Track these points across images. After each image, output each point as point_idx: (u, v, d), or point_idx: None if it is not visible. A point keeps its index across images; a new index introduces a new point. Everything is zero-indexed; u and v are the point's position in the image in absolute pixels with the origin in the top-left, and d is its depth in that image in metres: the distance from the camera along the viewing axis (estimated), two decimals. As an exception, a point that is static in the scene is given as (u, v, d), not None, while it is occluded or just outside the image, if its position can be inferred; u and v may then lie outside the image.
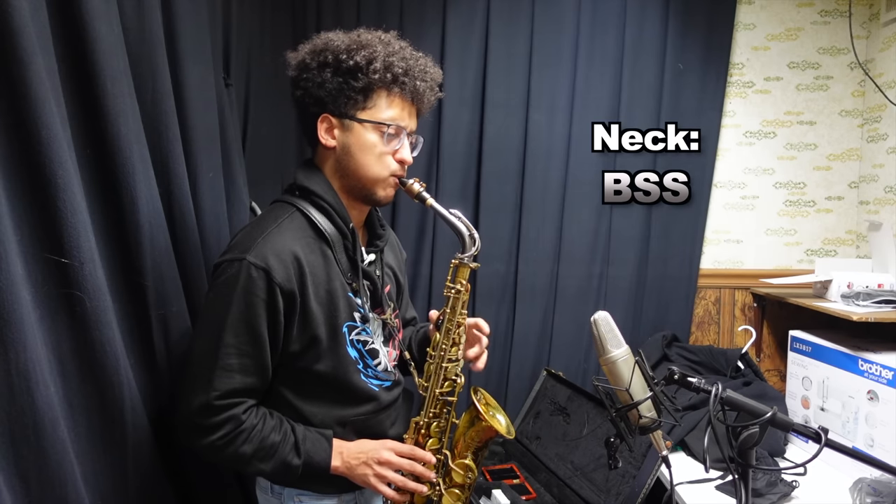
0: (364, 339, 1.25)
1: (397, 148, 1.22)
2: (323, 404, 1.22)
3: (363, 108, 1.19)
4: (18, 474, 0.87)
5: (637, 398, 1.00)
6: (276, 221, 1.17)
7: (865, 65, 2.34)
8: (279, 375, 1.19)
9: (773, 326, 2.38)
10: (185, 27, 1.34)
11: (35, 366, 0.87)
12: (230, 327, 1.10)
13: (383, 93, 1.19)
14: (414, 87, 1.21)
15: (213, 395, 1.09)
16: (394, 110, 1.20)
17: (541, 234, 2.27)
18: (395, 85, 1.19)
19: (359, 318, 1.23)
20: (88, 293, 0.97)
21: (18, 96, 0.85)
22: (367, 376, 1.25)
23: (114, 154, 1.07)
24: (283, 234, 1.15)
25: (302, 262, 1.14)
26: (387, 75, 1.18)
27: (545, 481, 1.89)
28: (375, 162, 1.20)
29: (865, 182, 2.36)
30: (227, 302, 1.10)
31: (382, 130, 1.19)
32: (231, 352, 1.10)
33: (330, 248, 1.19)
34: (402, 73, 1.19)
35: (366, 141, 1.19)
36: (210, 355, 1.10)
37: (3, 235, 0.82)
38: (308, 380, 1.20)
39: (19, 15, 0.83)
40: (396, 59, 1.19)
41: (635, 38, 2.24)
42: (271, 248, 1.12)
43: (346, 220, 1.22)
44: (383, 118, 1.19)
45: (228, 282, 1.10)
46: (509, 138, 2.23)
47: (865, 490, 1.57)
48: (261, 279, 1.09)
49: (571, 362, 2.30)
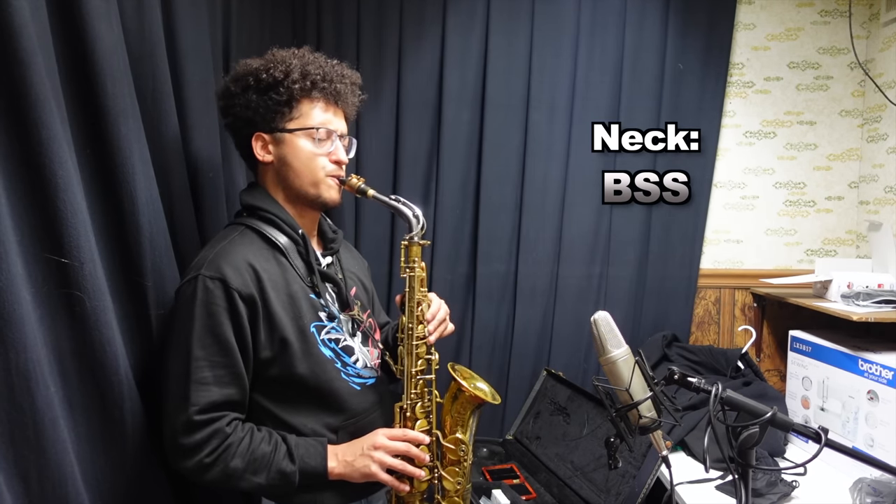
0: (335, 336, 1.25)
1: (331, 150, 1.26)
2: (310, 412, 1.22)
3: (290, 118, 1.23)
4: (18, 474, 0.87)
5: (637, 398, 1.00)
6: (227, 238, 1.21)
7: (865, 65, 2.34)
8: (259, 389, 1.19)
9: (773, 326, 2.38)
10: (185, 27, 1.34)
11: (35, 366, 0.87)
12: (196, 340, 1.10)
13: (305, 101, 1.24)
14: (335, 90, 1.26)
15: (193, 409, 1.09)
16: (319, 115, 1.25)
17: (541, 234, 2.27)
18: (314, 90, 1.24)
19: (325, 316, 1.24)
20: (88, 293, 0.97)
21: (19, 96, 0.85)
22: (348, 374, 1.26)
23: (114, 154, 1.07)
24: (235, 248, 1.18)
25: (257, 268, 1.16)
26: (306, 83, 1.22)
27: (545, 481, 1.89)
28: (312, 165, 1.24)
29: (865, 182, 2.36)
30: (189, 317, 1.11)
31: (313, 135, 1.24)
32: (202, 364, 1.10)
33: (284, 256, 1.23)
34: (320, 78, 1.23)
35: (299, 149, 1.23)
36: (182, 372, 1.10)
37: (4, 235, 0.82)
38: (289, 389, 1.20)
39: (20, 15, 0.83)
40: (312, 67, 1.24)
41: (635, 38, 2.24)
42: (224, 260, 1.14)
43: (293, 227, 1.26)
44: (311, 124, 1.24)
45: (187, 299, 1.12)
46: (509, 138, 2.23)
47: (865, 490, 1.57)
48: (217, 288, 1.11)
49: (571, 362, 2.30)
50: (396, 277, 2.24)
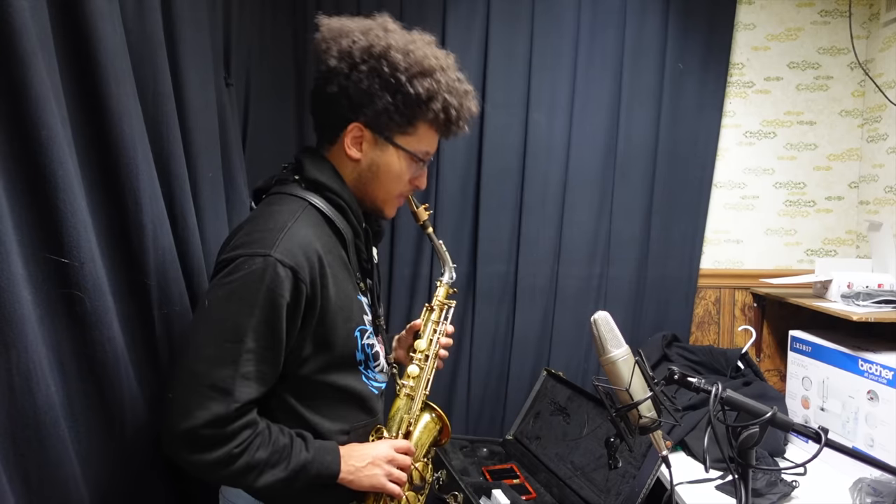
0: (372, 342, 1.19)
1: (416, 175, 1.20)
2: (331, 411, 1.15)
3: (403, 132, 1.13)
4: (19, 474, 0.87)
5: (637, 398, 1.00)
6: (293, 215, 1.06)
7: (865, 65, 2.34)
8: (287, 383, 1.10)
9: (773, 326, 2.38)
10: (185, 27, 1.34)
11: (36, 366, 0.87)
12: (253, 330, 0.99)
13: (426, 125, 1.15)
14: (460, 129, 1.19)
15: (234, 406, 0.98)
16: (431, 142, 1.18)
17: (541, 234, 2.27)
18: (437, 123, 1.15)
19: (368, 321, 1.19)
20: (89, 293, 0.97)
21: (19, 96, 0.85)
22: (368, 378, 1.21)
23: (118, 155, 1.07)
24: (306, 230, 1.05)
25: (324, 260, 1.06)
26: (440, 116, 1.13)
27: (545, 481, 1.89)
28: (395, 184, 1.17)
29: (865, 182, 2.36)
30: (252, 302, 0.98)
31: (415, 161, 1.16)
32: (251, 357, 0.99)
33: (345, 249, 1.14)
34: (455, 117, 1.14)
35: (395, 167, 1.15)
36: (228, 361, 0.98)
37: (4, 235, 0.82)
38: (315, 386, 1.12)
39: (20, 15, 0.83)
40: (453, 100, 1.13)
41: (635, 38, 2.25)
42: (297, 244, 1.02)
43: (360, 219, 1.17)
44: (420, 149, 1.16)
45: (253, 279, 0.98)
46: (509, 138, 2.23)
47: (865, 490, 1.57)
48: (287, 279, 0.99)
49: (571, 362, 2.30)
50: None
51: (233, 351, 0.98)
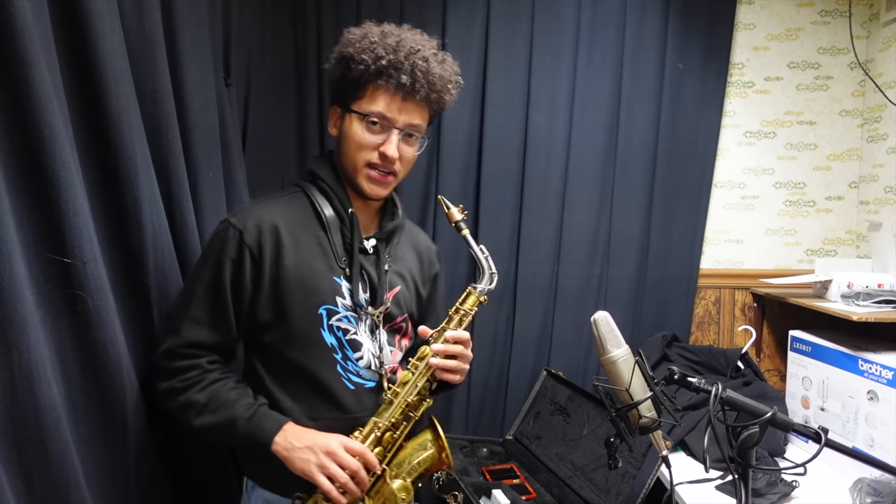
0: (345, 326, 1.21)
1: (380, 142, 1.22)
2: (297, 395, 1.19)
3: (355, 98, 1.23)
4: (21, 474, 0.87)
5: (637, 398, 1.00)
6: (277, 196, 1.26)
7: (865, 65, 2.34)
8: (256, 353, 1.22)
9: (773, 326, 2.38)
10: (184, 27, 1.34)
11: (38, 366, 0.87)
12: (201, 282, 1.17)
13: (370, 86, 1.21)
14: (399, 81, 1.19)
15: (179, 343, 1.15)
16: (380, 103, 1.21)
17: (541, 234, 2.27)
18: (380, 78, 1.20)
19: (342, 303, 1.21)
20: (91, 293, 0.98)
21: (21, 96, 0.85)
22: (345, 370, 1.21)
23: (117, 154, 1.07)
24: (272, 206, 1.22)
25: (281, 233, 1.18)
26: (371, 67, 1.20)
27: (545, 481, 1.90)
28: (357, 151, 1.23)
29: (865, 182, 2.36)
30: (206, 257, 1.19)
31: (365, 122, 1.22)
32: (199, 305, 1.16)
33: (324, 231, 1.23)
34: (386, 65, 1.19)
35: (352, 131, 1.23)
36: (183, 305, 1.18)
37: (6, 235, 0.82)
38: (281, 362, 1.20)
39: (21, 15, 0.83)
40: (387, 53, 1.19)
41: (635, 38, 2.24)
42: (254, 214, 1.19)
43: (345, 204, 1.25)
44: (368, 110, 1.21)
45: (212, 239, 1.20)
46: (509, 138, 2.23)
47: (865, 490, 1.57)
48: (234, 239, 1.16)
49: (571, 362, 2.30)
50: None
51: (187, 297, 1.18)
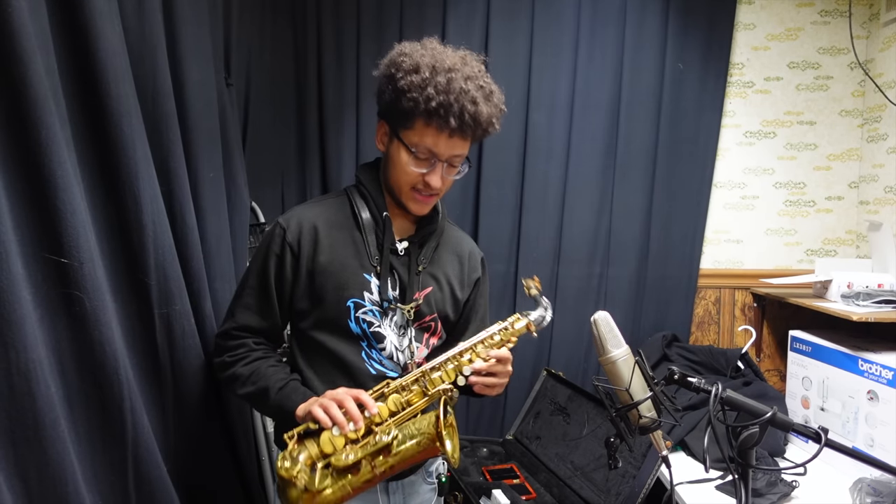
0: (370, 319, 1.29)
1: (425, 172, 1.27)
2: (324, 374, 1.29)
3: (405, 127, 1.26)
4: (19, 474, 0.87)
5: (637, 398, 1.00)
6: (323, 198, 1.39)
7: (865, 65, 2.34)
8: (297, 337, 1.33)
9: (773, 326, 2.38)
10: (185, 27, 1.34)
11: (35, 366, 0.87)
12: (252, 273, 1.31)
13: (419, 121, 1.23)
14: (448, 124, 1.22)
15: (232, 325, 1.30)
16: (428, 140, 1.24)
17: (541, 234, 2.27)
18: (430, 118, 1.22)
19: (368, 298, 1.28)
20: (88, 293, 0.98)
21: (18, 96, 0.85)
22: (370, 357, 1.29)
23: (118, 154, 1.07)
24: (317, 208, 1.33)
25: (319, 232, 1.29)
26: (421, 106, 1.21)
27: (545, 481, 1.89)
28: (403, 177, 1.29)
29: (865, 182, 2.36)
30: (258, 252, 1.32)
31: (414, 156, 1.26)
32: (250, 293, 1.30)
33: (360, 231, 1.32)
34: (436, 107, 1.20)
35: (399, 158, 1.27)
36: (238, 293, 1.33)
37: (4, 236, 0.82)
38: (314, 345, 1.29)
39: (19, 14, 0.83)
40: (437, 93, 1.20)
41: (635, 38, 2.25)
42: (298, 215, 1.31)
43: (380, 208, 1.33)
44: (416, 143, 1.25)
45: (265, 236, 1.33)
46: (509, 138, 2.23)
47: (865, 490, 1.57)
48: (279, 236, 1.29)
49: (571, 362, 2.30)
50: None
51: (242, 286, 1.33)
